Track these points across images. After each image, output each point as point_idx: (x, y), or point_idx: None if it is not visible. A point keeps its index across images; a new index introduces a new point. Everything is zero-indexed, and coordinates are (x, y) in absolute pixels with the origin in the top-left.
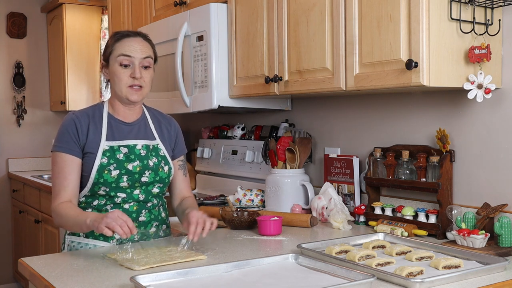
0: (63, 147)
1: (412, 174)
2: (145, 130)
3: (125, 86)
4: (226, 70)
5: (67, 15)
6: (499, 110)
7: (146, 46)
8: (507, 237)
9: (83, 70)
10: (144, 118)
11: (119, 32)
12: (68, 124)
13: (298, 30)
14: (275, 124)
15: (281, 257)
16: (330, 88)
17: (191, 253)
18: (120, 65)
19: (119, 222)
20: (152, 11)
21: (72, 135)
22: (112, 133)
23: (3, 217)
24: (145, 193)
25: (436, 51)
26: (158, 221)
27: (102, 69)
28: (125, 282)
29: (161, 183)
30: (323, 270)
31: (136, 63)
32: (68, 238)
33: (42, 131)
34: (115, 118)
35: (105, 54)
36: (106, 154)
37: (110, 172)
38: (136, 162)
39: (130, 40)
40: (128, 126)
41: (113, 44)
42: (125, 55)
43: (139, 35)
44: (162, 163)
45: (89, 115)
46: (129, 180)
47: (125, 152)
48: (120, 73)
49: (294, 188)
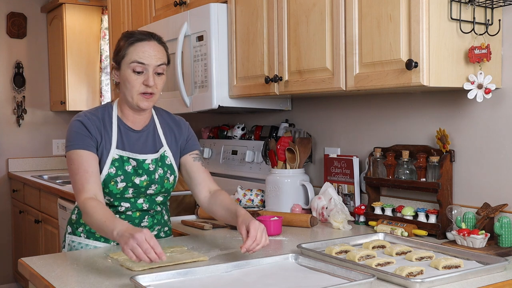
0: (78, 145)
1: (412, 174)
2: (154, 137)
3: (136, 93)
4: (226, 70)
5: (67, 15)
6: (499, 110)
7: (160, 51)
8: (507, 237)
9: (83, 70)
10: (153, 123)
11: (132, 34)
12: (79, 123)
13: (298, 30)
14: (275, 124)
15: (281, 257)
16: (330, 88)
17: (193, 254)
18: (133, 71)
19: (145, 247)
20: (152, 11)
21: (85, 133)
22: (122, 141)
23: (3, 217)
24: (149, 202)
25: (436, 51)
26: (160, 225)
27: (112, 70)
28: (125, 282)
29: (165, 193)
30: (323, 270)
31: (150, 70)
32: (68, 238)
33: (42, 131)
34: (124, 124)
35: (117, 57)
36: (115, 164)
37: (116, 184)
38: (143, 176)
39: (145, 45)
40: (137, 133)
41: (127, 47)
42: (139, 63)
43: (153, 38)
44: (168, 174)
45: (99, 119)
46: (135, 192)
47: (134, 165)
48: (133, 80)
49: (294, 188)
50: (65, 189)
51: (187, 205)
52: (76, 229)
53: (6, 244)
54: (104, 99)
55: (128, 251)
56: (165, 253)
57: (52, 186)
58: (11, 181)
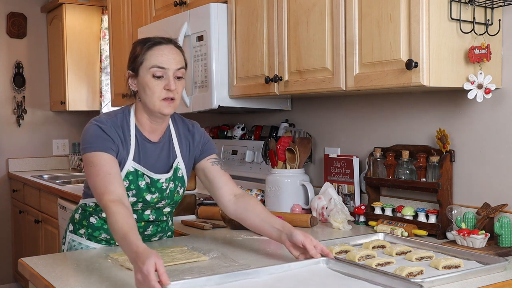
0: (98, 147)
1: (412, 174)
2: (169, 149)
3: (158, 99)
4: (226, 70)
5: (67, 15)
6: (499, 110)
7: (179, 54)
8: (507, 237)
9: (83, 70)
10: (169, 134)
11: (149, 39)
12: (99, 130)
13: (298, 30)
14: (275, 124)
15: (312, 261)
16: (330, 88)
17: (193, 254)
18: (152, 76)
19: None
20: (152, 11)
21: (106, 137)
22: (139, 153)
23: (3, 217)
24: (156, 214)
25: (436, 51)
26: (164, 232)
27: (129, 79)
28: (125, 282)
29: (174, 204)
30: (360, 277)
31: (170, 74)
32: (69, 236)
33: (42, 131)
34: (141, 134)
35: (134, 64)
36: (129, 177)
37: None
38: (155, 194)
39: (163, 49)
40: (153, 145)
41: (144, 53)
42: (159, 67)
43: (171, 42)
44: (178, 187)
45: (119, 126)
46: (144, 206)
47: (147, 182)
48: (154, 86)
49: (294, 188)
50: (65, 189)
51: (187, 205)
52: (78, 229)
53: (6, 244)
54: (104, 99)
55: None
56: (165, 253)
57: (52, 186)
58: (11, 181)
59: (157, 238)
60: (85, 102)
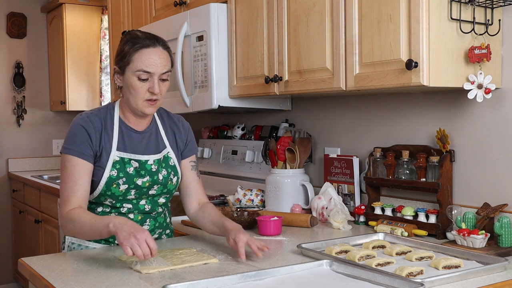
0: (74, 150)
1: (412, 174)
2: (156, 138)
3: (141, 100)
4: (226, 70)
5: (67, 15)
6: (499, 110)
7: (166, 58)
8: (507, 237)
9: (83, 70)
10: (155, 125)
11: (138, 40)
12: (80, 126)
13: (298, 30)
14: (275, 124)
15: (315, 264)
16: (330, 88)
17: (203, 256)
18: (138, 78)
19: (143, 247)
20: (152, 11)
21: (84, 138)
22: (123, 142)
23: (3, 217)
24: (151, 204)
25: (436, 51)
26: (162, 228)
27: (115, 74)
28: (125, 282)
29: (168, 194)
30: (363, 278)
31: (155, 78)
32: (68, 239)
33: (42, 131)
34: (126, 125)
35: (121, 62)
36: (116, 166)
37: (118, 186)
38: (146, 177)
39: (150, 52)
40: (139, 134)
41: (132, 54)
42: (145, 71)
43: (158, 43)
44: (171, 175)
45: (101, 119)
46: (137, 193)
47: (135, 166)
48: (138, 87)
49: (294, 188)
50: None
51: None
52: None
53: (6, 244)
54: (104, 99)
55: (126, 247)
56: (174, 255)
57: (52, 186)
58: (11, 181)
59: (157, 236)
60: (85, 102)
